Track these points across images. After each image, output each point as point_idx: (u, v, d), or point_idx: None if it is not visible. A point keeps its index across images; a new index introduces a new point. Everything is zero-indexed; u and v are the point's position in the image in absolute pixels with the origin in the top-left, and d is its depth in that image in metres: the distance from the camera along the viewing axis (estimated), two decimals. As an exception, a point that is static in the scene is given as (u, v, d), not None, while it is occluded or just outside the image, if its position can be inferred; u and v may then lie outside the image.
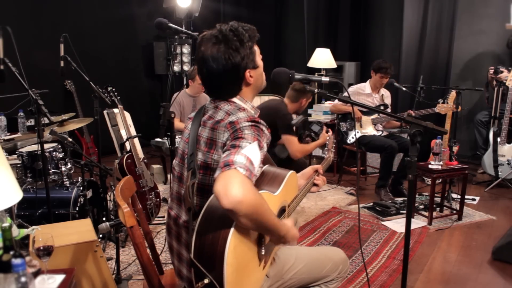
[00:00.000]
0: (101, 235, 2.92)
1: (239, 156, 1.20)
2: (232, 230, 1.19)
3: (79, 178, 3.03)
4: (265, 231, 1.30)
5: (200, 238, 1.23)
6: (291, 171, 1.54)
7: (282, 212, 1.52)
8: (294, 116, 3.43)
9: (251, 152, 1.23)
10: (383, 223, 3.49)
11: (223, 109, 1.41)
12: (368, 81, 4.30)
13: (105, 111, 3.49)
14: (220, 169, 1.18)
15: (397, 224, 3.45)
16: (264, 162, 1.50)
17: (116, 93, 3.24)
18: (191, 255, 1.24)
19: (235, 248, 1.21)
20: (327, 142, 2.07)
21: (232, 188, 1.11)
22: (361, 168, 4.76)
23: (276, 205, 1.44)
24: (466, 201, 3.72)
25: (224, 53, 1.36)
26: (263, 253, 1.38)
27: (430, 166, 3.39)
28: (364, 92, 4.27)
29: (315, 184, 1.83)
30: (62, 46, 2.87)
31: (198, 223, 1.26)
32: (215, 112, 1.43)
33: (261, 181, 1.46)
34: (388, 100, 4.37)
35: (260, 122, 1.35)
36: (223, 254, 1.17)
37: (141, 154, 3.48)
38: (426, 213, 3.55)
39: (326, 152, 2.15)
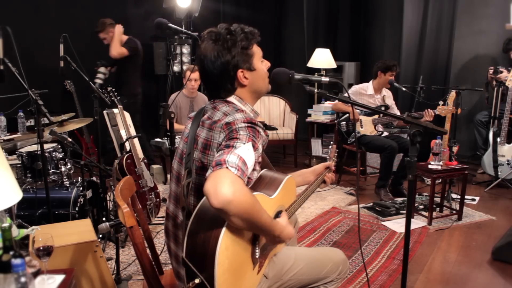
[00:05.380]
0: (101, 235, 2.92)
1: (232, 156, 1.19)
2: (223, 229, 1.18)
3: (79, 178, 3.03)
4: (258, 231, 1.29)
5: (192, 238, 1.23)
6: (289, 176, 1.53)
7: (278, 216, 1.49)
8: None
9: (244, 152, 1.22)
10: (383, 223, 3.49)
11: (221, 110, 1.42)
12: (370, 82, 4.29)
13: (104, 111, 3.49)
14: (212, 168, 1.17)
15: (397, 224, 3.45)
16: (262, 166, 1.49)
17: (116, 93, 3.24)
18: (182, 254, 1.23)
19: (227, 248, 1.20)
20: (329, 151, 2.12)
21: (222, 187, 1.10)
22: (361, 168, 4.75)
23: (272, 209, 1.42)
24: (466, 201, 3.71)
25: (214, 50, 1.39)
26: (257, 255, 1.37)
27: (430, 166, 3.38)
28: (366, 92, 4.26)
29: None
30: (62, 46, 2.88)
31: (191, 222, 1.25)
32: (213, 112, 1.44)
33: (258, 185, 1.45)
34: (390, 101, 4.36)
35: (257, 123, 1.35)
36: (214, 253, 1.16)
37: (140, 154, 3.48)
38: (426, 213, 3.55)
39: (328, 161, 2.17)
